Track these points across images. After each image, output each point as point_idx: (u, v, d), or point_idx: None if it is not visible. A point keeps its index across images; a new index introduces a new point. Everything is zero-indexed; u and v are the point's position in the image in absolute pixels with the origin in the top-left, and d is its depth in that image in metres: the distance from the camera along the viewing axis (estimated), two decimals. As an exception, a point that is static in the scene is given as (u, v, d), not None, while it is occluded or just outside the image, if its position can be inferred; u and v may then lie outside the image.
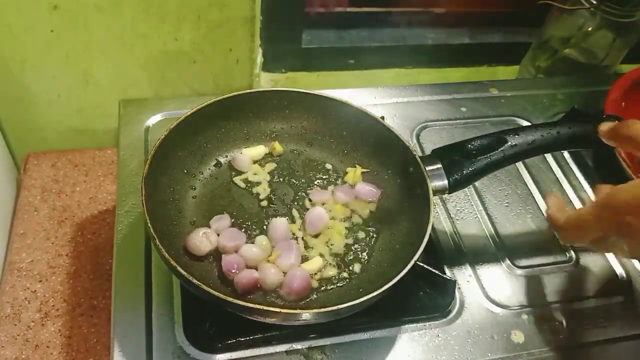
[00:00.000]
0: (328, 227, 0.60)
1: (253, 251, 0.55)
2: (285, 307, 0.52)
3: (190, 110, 0.59)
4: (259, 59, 0.92)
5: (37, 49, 0.79)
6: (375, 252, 0.59)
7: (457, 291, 0.60)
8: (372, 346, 0.55)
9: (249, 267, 0.54)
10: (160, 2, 0.78)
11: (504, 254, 0.64)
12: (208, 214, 0.59)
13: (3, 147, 0.87)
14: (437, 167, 0.57)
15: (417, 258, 0.51)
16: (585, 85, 0.88)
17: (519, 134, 0.57)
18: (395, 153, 0.61)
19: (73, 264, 0.76)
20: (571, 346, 0.57)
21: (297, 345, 0.54)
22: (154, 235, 0.49)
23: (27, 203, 0.82)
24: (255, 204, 0.61)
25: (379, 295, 0.48)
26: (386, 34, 1.01)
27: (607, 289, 0.63)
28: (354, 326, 0.56)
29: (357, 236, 0.60)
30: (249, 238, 0.58)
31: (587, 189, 0.73)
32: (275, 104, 0.65)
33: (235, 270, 0.53)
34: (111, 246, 0.60)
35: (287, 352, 0.53)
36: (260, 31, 0.87)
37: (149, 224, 0.50)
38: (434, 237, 0.65)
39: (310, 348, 0.54)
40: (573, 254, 0.65)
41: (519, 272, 0.63)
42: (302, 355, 0.53)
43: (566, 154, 0.77)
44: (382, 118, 0.61)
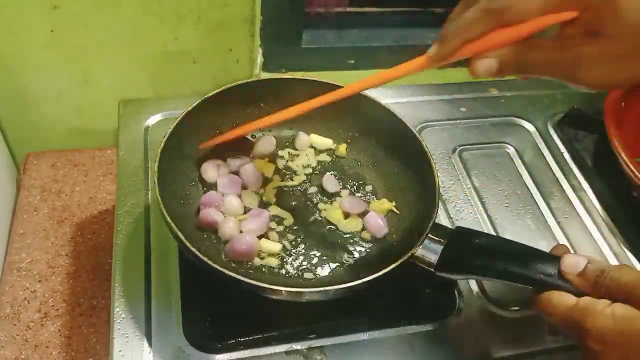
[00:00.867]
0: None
1: (233, 203, 0.59)
2: (283, 285, 0.52)
3: (215, 92, 0.61)
4: (259, 59, 0.92)
5: (37, 49, 0.79)
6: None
7: (456, 292, 0.60)
8: (371, 346, 0.55)
9: (220, 212, 0.58)
10: (160, 2, 0.78)
11: (504, 254, 0.64)
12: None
13: (3, 147, 0.87)
14: (439, 242, 0.52)
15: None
16: (585, 85, 0.88)
17: (541, 259, 0.48)
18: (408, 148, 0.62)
19: (73, 264, 0.76)
20: (572, 346, 0.57)
21: (297, 346, 0.54)
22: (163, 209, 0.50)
23: (27, 203, 0.82)
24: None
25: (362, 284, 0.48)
26: (386, 34, 1.01)
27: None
28: (353, 326, 0.56)
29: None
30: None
31: (587, 189, 0.73)
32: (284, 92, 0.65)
33: (207, 205, 0.58)
34: (111, 246, 0.60)
35: (286, 353, 0.53)
36: (260, 31, 0.87)
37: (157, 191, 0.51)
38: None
39: (309, 348, 0.54)
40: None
41: (518, 272, 0.63)
42: (302, 356, 0.53)
43: (566, 154, 0.77)
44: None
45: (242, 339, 0.54)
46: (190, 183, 0.61)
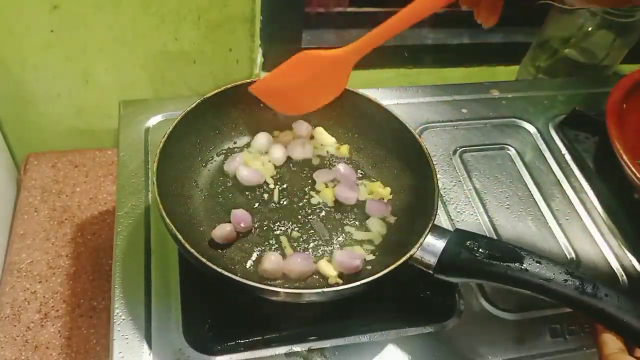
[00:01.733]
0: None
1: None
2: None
3: (214, 92, 0.60)
4: (259, 59, 0.92)
5: (37, 49, 0.79)
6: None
7: (457, 294, 0.60)
8: (372, 349, 0.55)
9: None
10: (160, 2, 0.78)
11: (505, 255, 0.64)
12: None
13: (3, 147, 0.87)
14: (438, 244, 0.52)
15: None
16: (586, 86, 0.88)
17: (540, 263, 0.48)
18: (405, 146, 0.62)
19: (73, 265, 0.76)
20: (572, 348, 0.57)
21: (297, 348, 0.54)
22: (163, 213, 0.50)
23: (27, 203, 0.82)
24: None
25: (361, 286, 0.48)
26: (386, 34, 1.01)
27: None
28: (354, 328, 0.56)
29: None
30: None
31: (588, 191, 0.73)
32: None
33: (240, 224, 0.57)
34: (111, 247, 0.60)
35: (286, 355, 0.53)
36: (260, 31, 0.87)
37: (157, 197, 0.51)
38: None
39: (310, 350, 0.54)
40: (574, 256, 0.65)
41: (519, 274, 0.63)
42: (302, 358, 0.53)
43: (567, 156, 0.77)
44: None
45: (242, 341, 0.54)
46: (190, 184, 0.61)
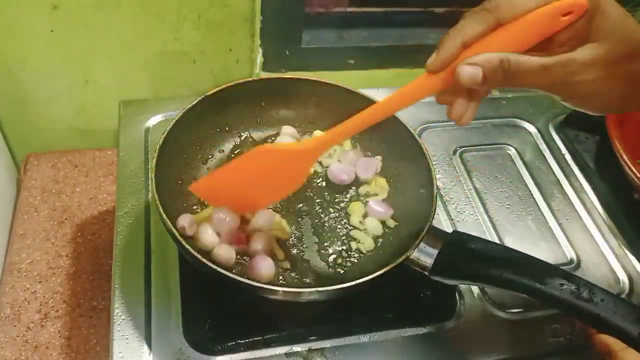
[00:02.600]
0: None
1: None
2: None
3: (214, 90, 0.61)
4: (259, 59, 0.92)
5: (37, 49, 0.79)
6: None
7: (457, 294, 0.60)
8: (372, 349, 0.55)
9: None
10: (160, 2, 0.78)
11: (505, 255, 0.64)
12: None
13: (3, 147, 0.87)
14: (435, 245, 0.52)
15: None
16: (587, 86, 0.88)
17: (536, 266, 0.48)
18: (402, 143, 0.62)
19: (73, 265, 0.76)
20: (572, 349, 0.57)
21: (297, 348, 0.54)
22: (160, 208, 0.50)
23: (27, 203, 0.82)
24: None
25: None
26: (386, 34, 1.01)
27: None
28: (354, 328, 0.56)
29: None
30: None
31: (589, 191, 0.73)
32: (284, 91, 0.66)
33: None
34: (111, 247, 0.60)
35: (286, 355, 0.53)
36: (260, 31, 0.87)
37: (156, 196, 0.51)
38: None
39: (310, 350, 0.54)
40: (574, 256, 0.65)
41: (519, 274, 0.63)
42: (302, 358, 0.53)
43: (567, 156, 0.77)
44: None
45: (242, 341, 0.54)
46: (190, 181, 0.61)
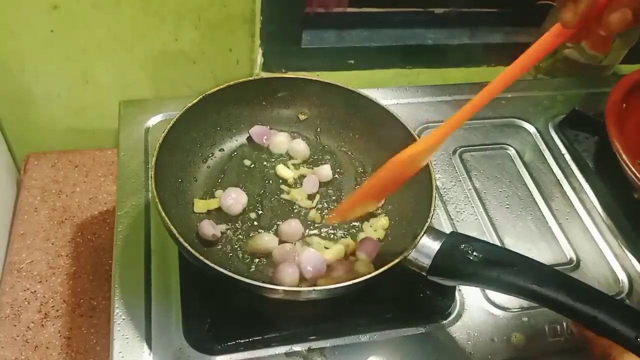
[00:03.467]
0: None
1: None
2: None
3: (214, 89, 0.61)
4: (259, 59, 0.92)
5: (37, 49, 0.79)
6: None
7: (457, 293, 0.60)
8: (372, 348, 0.55)
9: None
10: (160, 2, 0.78)
11: (504, 255, 0.64)
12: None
13: (3, 147, 0.87)
14: (433, 246, 0.52)
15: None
16: (586, 86, 0.88)
17: (534, 268, 0.48)
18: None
19: (73, 265, 0.76)
20: (572, 349, 0.57)
21: (297, 347, 0.54)
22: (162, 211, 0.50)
23: (27, 203, 0.82)
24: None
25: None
26: (386, 34, 1.01)
27: (608, 292, 0.62)
28: (353, 328, 0.56)
29: None
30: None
31: (588, 191, 0.73)
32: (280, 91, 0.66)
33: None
34: (111, 247, 0.60)
35: (286, 354, 0.53)
36: (260, 31, 0.87)
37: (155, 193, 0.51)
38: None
39: (309, 350, 0.54)
40: (574, 256, 0.65)
41: (519, 274, 0.63)
42: (302, 358, 0.53)
43: (567, 156, 0.77)
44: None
45: (242, 341, 0.54)
46: (190, 179, 0.61)
